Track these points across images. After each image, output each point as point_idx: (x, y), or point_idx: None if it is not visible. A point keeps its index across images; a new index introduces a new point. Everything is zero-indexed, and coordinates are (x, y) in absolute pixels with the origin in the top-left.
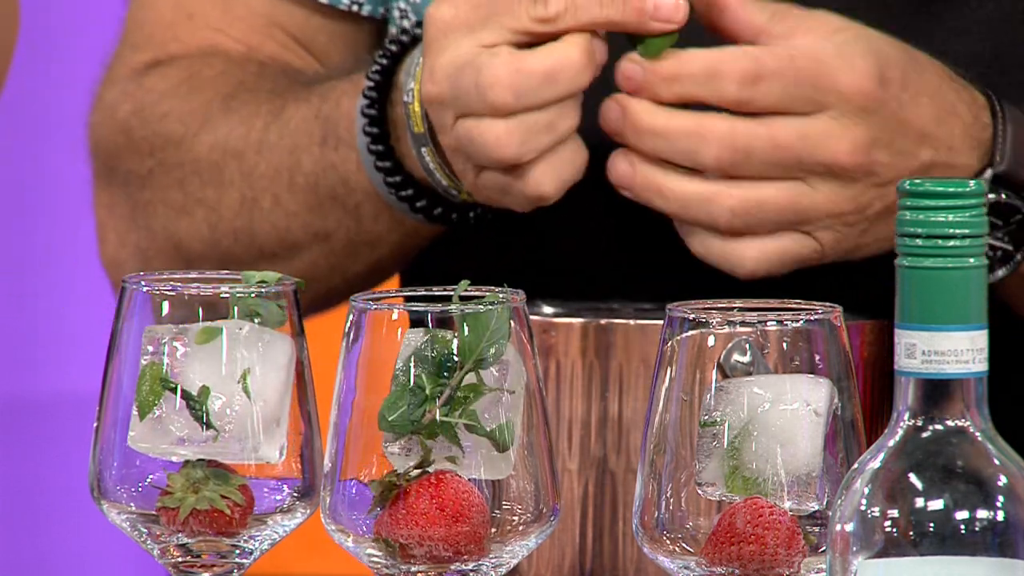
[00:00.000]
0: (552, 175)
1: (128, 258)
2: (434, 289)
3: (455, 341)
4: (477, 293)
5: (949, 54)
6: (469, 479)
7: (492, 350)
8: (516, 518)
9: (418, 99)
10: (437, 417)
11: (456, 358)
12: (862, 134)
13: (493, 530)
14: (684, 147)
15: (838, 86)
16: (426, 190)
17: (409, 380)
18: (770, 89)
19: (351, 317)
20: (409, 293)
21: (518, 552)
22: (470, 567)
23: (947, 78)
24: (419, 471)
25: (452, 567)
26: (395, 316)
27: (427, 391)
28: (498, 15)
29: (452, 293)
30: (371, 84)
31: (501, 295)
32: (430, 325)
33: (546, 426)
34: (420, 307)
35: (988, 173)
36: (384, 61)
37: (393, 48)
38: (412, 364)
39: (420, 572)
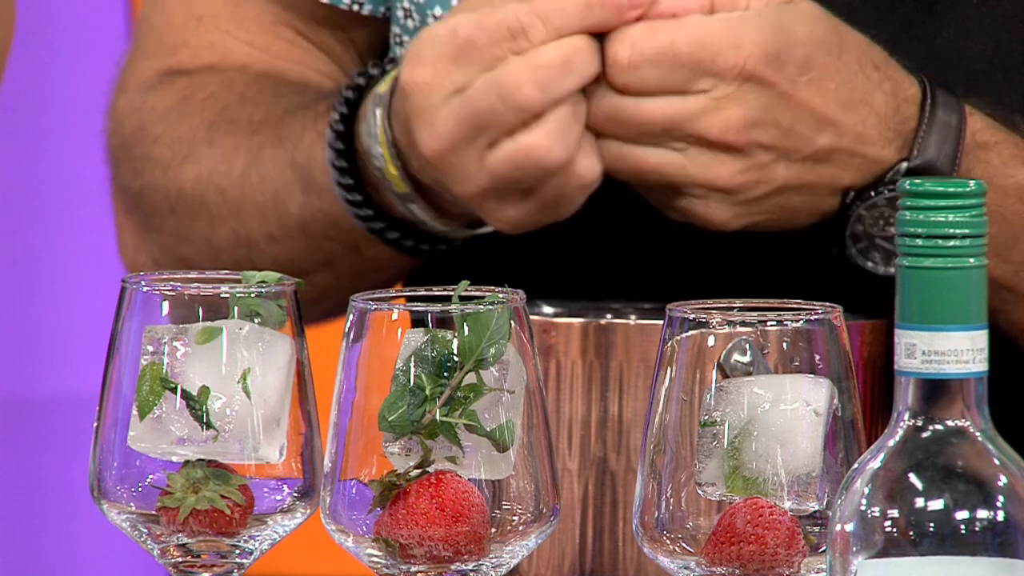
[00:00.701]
0: (595, 157)
1: (144, 264)
2: (434, 289)
3: (455, 341)
4: (477, 293)
5: (953, 52)
6: (469, 479)
7: (492, 350)
8: (516, 518)
9: (391, 162)
10: (437, 417)
11: (456, 358)
12: (739, 114)
13: (493, 530)
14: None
15: (717, 67)
16: (409, 228)
17: (409, 380)
18: (646, 75)
19: (351, 317)
20: (409, 293)
21: (518, 552)
22: (470, 567)
23: (870, 66)
24: (419, 471)
25: (452, 567)
26: (395, 316)
27: (427, 391)
28: (478, 61)
29: (452, 293)
30: (336, 151)
31: (501, 295)
32: (430, 325)
33: (546, 426)
34: (420, 307)
35: (903, 167)
36: (340, 127)
37: (343, 110)
38: (412, 364)
39: (420, 572)
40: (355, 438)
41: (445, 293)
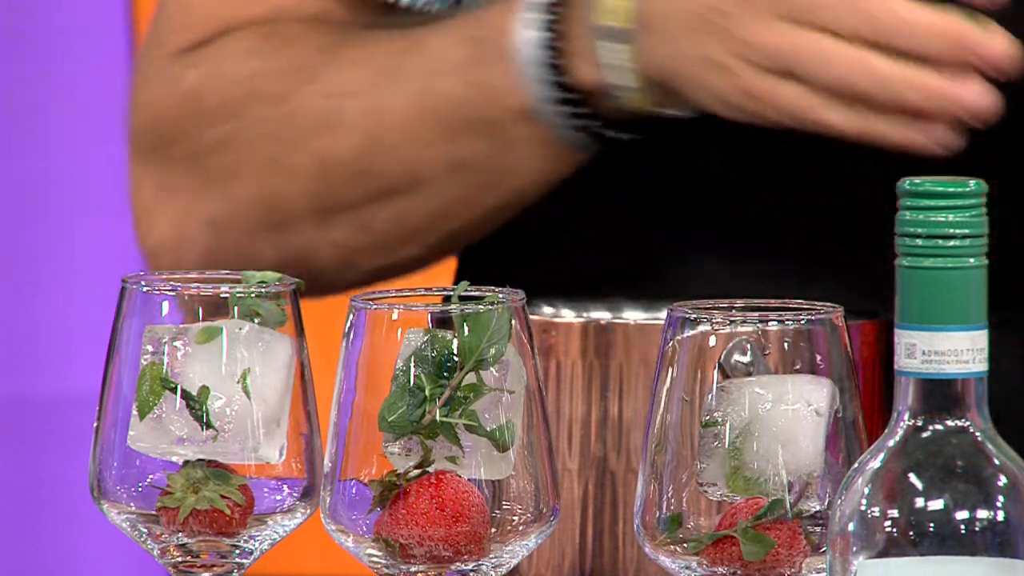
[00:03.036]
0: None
1: (191, 236)
2: (434, 289)
3: (455, 341)
4: (477, 293)
5: None
6: (469, 479)
7: (492, 350)
8: (516, 518)
9: None
10: (437, 417)
11: (456, 358)
12: None
13: (493, 530)
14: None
15: None
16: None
17: (409, 380)
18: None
19: (351, 317)
20: (409, 293)
21: (518, 552)
22: (470, 567)
23: None
24: (419, 471)
25: (452, 567)
26: (395, 316)
27: (427, 392)
28: None
29: (452, 293)
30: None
31: (501, 295)
32: (430, 325)
33: (546, 426)
34: (420, 307)
35: None
36: None
37: None
38: (412, 364)
39: (420, 572)
40: (355, 438)
41: (445, 293)
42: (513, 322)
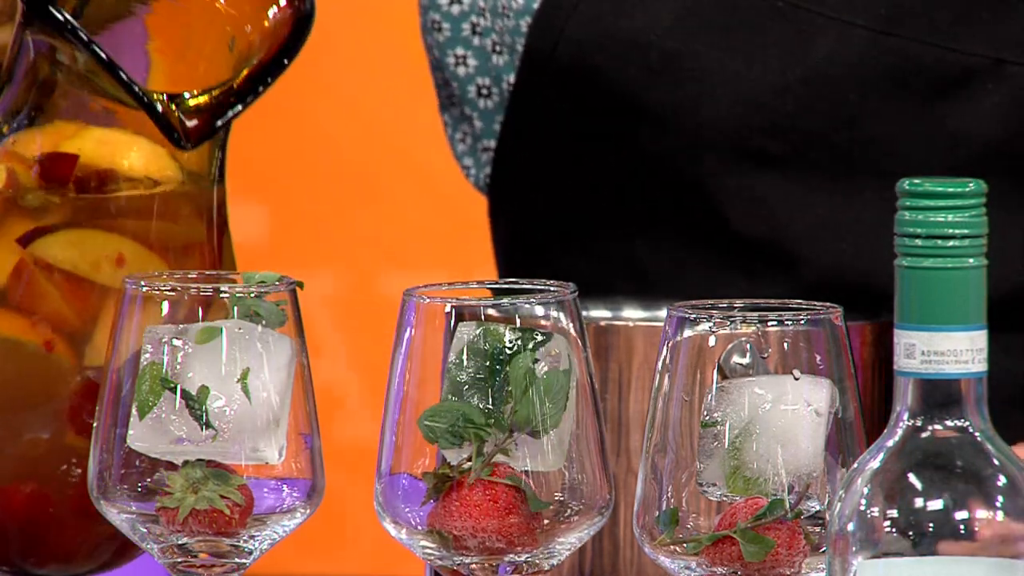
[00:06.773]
0: None
1: None
2: (485, 282)
3: (507, 334)
4: (529, 286)
5: (962, 137)
6: (521, 471)
7: (544, 343)
8: (567, 510)
9: None
10: (477, 475)
11: (508, 351)
12: None
13: (545, 522)
14: None
15: None
16: None
17: (460, 393)
18: None
19: (403, 310)
20: (462, 286)
21: (570, 544)
22: (523, 558)
23: None
24: (472, 463)
25: (505, 558)
26: (448, 309)
27: (475, 426)
28: None
29: (503, 286)
30: None
31: (553, 288)
32: (482, 318)
33: (597, 419)
34: (472, 301)
35: None
36: None
37: None
38: (465, 360)
39: (474, 563)
40: (407, 431)
41: (497, 286)
42: (564, 316)
